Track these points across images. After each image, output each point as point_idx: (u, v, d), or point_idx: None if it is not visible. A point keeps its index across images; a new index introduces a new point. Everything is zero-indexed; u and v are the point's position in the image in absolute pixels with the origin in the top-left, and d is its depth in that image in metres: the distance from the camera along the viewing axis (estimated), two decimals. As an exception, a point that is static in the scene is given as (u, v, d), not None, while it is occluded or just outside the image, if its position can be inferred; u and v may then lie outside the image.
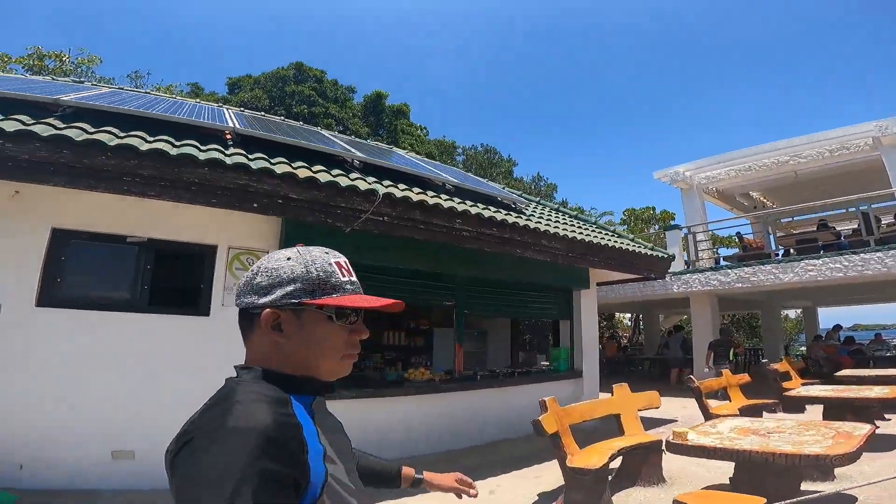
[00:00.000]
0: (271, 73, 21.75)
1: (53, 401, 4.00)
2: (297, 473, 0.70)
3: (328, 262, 0.89)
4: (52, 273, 4.12)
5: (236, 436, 0.67)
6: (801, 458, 3.11)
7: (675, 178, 12.68)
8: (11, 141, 3.37)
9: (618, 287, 11.17)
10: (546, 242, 5.85)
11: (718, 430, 4.00)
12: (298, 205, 4.35)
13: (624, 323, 20.81)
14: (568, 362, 7.41)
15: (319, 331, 0.86)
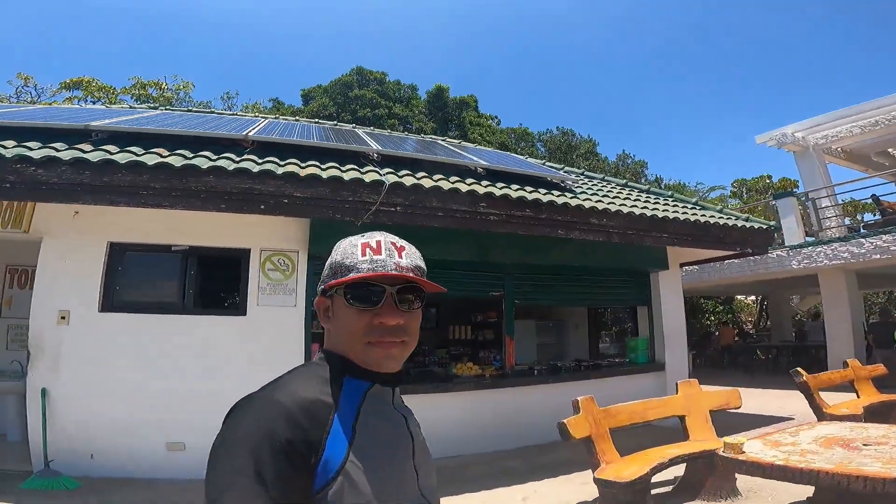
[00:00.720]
0: (336, 81, 21.81)
1: (116, 396, 4.35)
2: (304, 448, 0.68)
3: (354, 243, 0.84)
4: (111, 282, 4.51)
5: (259, 404, 0.72)
6: (887, 482, 2.14)
7: (782, 141, 10.42)
8: (41, 167, 3.69)
9: (722, 267, 9.45)
10: (596, 221, 5.05)
11: (797, 439, 3.00)
12: (304, 203, 4.23)
13: (751, 306, 17.75)
14: (647, 354, 6.39)
15: (342, 316, 0.82)
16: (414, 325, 0.83)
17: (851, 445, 2.72)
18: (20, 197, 3.82)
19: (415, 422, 0.89)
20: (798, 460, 2.54)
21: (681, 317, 6.63)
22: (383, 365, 0.80)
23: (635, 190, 7.09)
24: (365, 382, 0.81)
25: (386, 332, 0.79)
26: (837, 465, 2.38)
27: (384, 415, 0.81)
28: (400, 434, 0.82)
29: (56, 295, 4.36)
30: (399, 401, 0.88)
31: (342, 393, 0.77)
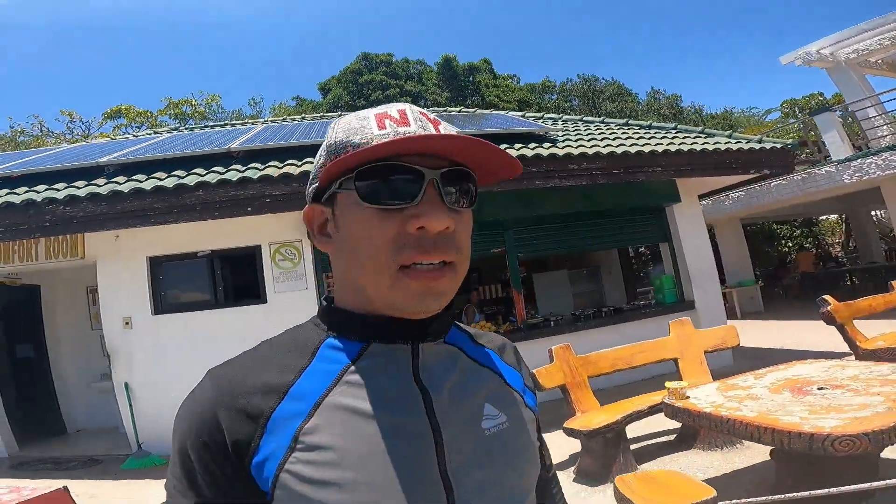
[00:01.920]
0: (345, 70, 21.40)
1: (179, 382, 4.92)
2: (232, 449, 0.47)
3: (362, 116, 0.53)
4: (156, 289, 5.09)
5: (194, 392, 0.52)
6: (791, 435, 1.83)
7: (807, 59, 8.80)
8: (67, 205, 4.20)
9: (770, 190, 8.26)
10: (575, 166, 4.66)
11: (759, 382, 2.63)
12: (283, 199, 4.38)
13: (837, 227, 15.10)
14: (675, 293, 5.84)
15: (352, 225, 0.51)
16: (466, 235, 0.53)
17: (804, 389, 2.33)
18: (57, 232, 4.40)
19: (472, 406, 0.54)
20: (729, 407, 2.24)
21: (707, 250, 5.95)
22: (423, 304, 0.50)
23: (636, 127, 6.37)
24: (354, 343, 0.53)
25: (429, 246, 0.49)
26: (759, 414, 2.07)
27: (383, 395, 0.51)
28: (407, 427, 0.50)
29: (117, 305, 5.01)
30: (437, 364, 0.54)
31: (309, 366, 0.51)
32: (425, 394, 0.52)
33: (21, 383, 5.89)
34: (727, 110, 19.02)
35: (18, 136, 18.91)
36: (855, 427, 1.73)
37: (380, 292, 0.50)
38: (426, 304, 0.50)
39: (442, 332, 0.57)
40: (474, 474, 0.51)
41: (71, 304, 6.53)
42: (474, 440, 0.52)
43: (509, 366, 0.63)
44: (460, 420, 0.52)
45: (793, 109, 16.70)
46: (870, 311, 4.39)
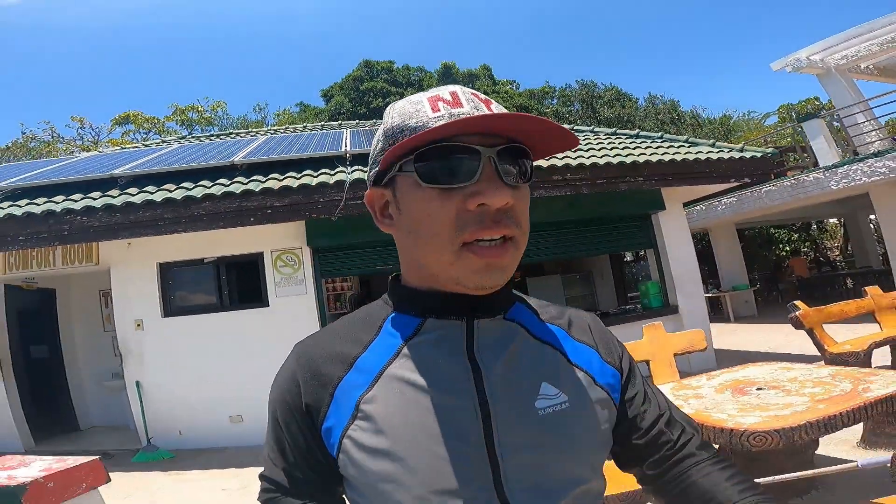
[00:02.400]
0: (348, 77, 21.72)
1: (187, 381, 5.30)
2: (309, 412, 0.54)
3: (415, 100, 0.55)
4: (166, 293, 5.43)
5: (284, 363, 0.59)
6: (714, 430, 2.10)
7: (797, 66, 9.01)
8: (84, 215, 4.55)
9: (760, 196, 8.46)
10: (559, 177, 4.94)
11: (709, 382, 2.90)
12: (284, 210, 4.70)
13: (836, 230, 15.20)
14: (661, 297, 6.10)
15: (413, 205, 0.53)
16: (525, 210, 0.55)
17: (744, 390, 2.59)
18: (75, 240, 4.74)
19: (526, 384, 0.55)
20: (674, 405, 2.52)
21: (691, 257, 6.21)
22: (486, 279, 0.52)
23: (623, 136, 6.64)
24: (413, 319, 0.57)
25: (490, 222, 0.50)
26: (696, 411, 2.33)
27: (435, 369, 0.54)
28: (455, 402, 0.52)
29: (130, 308, 5.36)
30: (492, 340, 0.56)
31: (375, 340, 0.57)
32: (476, 370, 0.53)
33: (37, 382, 6.24)
34: (725, 115, 19.26)
35: (30, 142, 19.48)
36: (770, 424, 1.99)
37: (444, 269, 0.52)
38: (490, 279, 0.51)
39: (500, 308, 0.58)
40: (523, 453, 0.51)
41: (84, 307, 6.89)
42: (526, 419, 0.52)
43: (581, 342, 0.62)
44: (512, 398, 0.53)
45: (789, 114, 16.88)
46: (842, 315, 4.60)
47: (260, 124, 21.51)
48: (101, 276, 5.82)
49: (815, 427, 1.96)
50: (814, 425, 1.96)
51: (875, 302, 4.70)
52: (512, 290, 0.61)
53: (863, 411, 2.06)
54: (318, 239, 5.23)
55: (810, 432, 1.97)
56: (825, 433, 2.00)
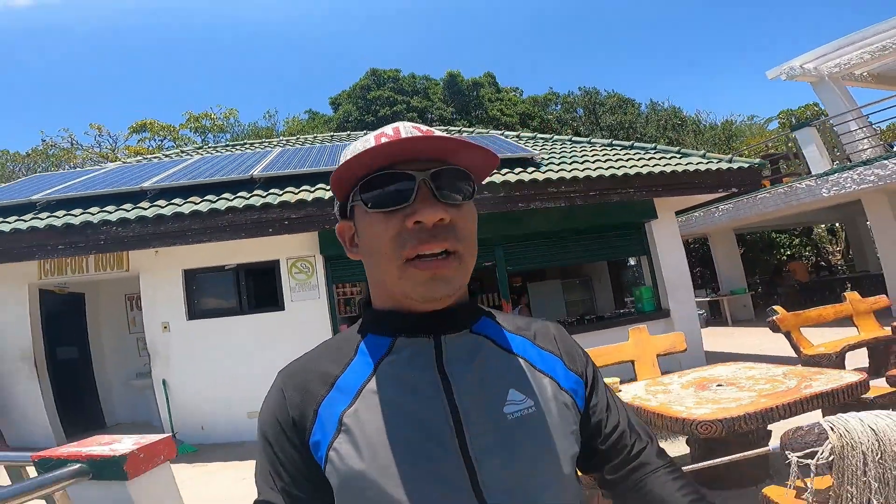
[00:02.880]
0: (355, 85, 22.01)
1: (210, 380, 5.75)
2: (298, 429, 0.58)
3: (365, 139, 0.62)
4: (190, 297, 5.89)
5: (272, 384, 0.63)
6: (666, 418, 2.49)
7: (791, 74, 9.23)
8: (119, 226, 5.02)
9: (755, 203, 8.77)
10: (554, 189, 5.34)
11: (680, 380, 3.28)
12: (300, 221, 5.14)
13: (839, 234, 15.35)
14: (653, 302, 6.46)
15: (366, 230, 0.60)
16: (467, 226, 0.59)
17: (706, 386, 2.97)
18: (111, 249, 5.20)
19: (494, 392, 0.59)
20: (643, 399, 2.90)
21: (683, 263, 6.56)
22: (431, 291, 0.56)
23: (618, 147, 7.01)
24: (385, 339, 0.62)
25: (427, 237, 0.55)
26: (661, 404, 2.72)
27: (408, 384, 0.58)
28: (428, 412, 0.57)
29: (157, 311, 5.82)
30: (459, 354, 0.60)
31: (353, 360, 0.61)
32: (446, 382, 0.57)
33: (67, 382, 6.70)
34: (727, 120, 19.46)
35: (49, 150, 20.21)
36: (716, 415, 2.37)
37: (394, 285, 0.57)
38: (435, 290, 0.55)
39: (466, 322, 0.62)
40: (496, 457, 0.55)
41: (111, 310, 7.38)
42: (496, 425, 0.56)
43: (546, 351, 0.66)
44: (481, 405, 0.57)
45: (789, 119, 17.08)
46: (819, 320, 4.94)
47: (270, 131, 22.11)
48: (127, 282, 6.30)
49: (754, 418, 2.35)
50: (752, 416, 2.34)
51: (853, 307, 5.02)
52: (478, 306, 0.66)
53: (798, 405, 2.44)
54: (329, 248, 5.68)
55: (749, 422, 2.35)
56: (763, 424, 2.38)
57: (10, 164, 19.52)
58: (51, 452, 1.80)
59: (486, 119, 19.41)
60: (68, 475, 1.69)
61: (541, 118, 20.20)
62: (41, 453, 1.80)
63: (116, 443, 1.88)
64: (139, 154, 17.28)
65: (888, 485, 1.43)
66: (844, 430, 1.48)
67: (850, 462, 1.45)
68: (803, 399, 2.45)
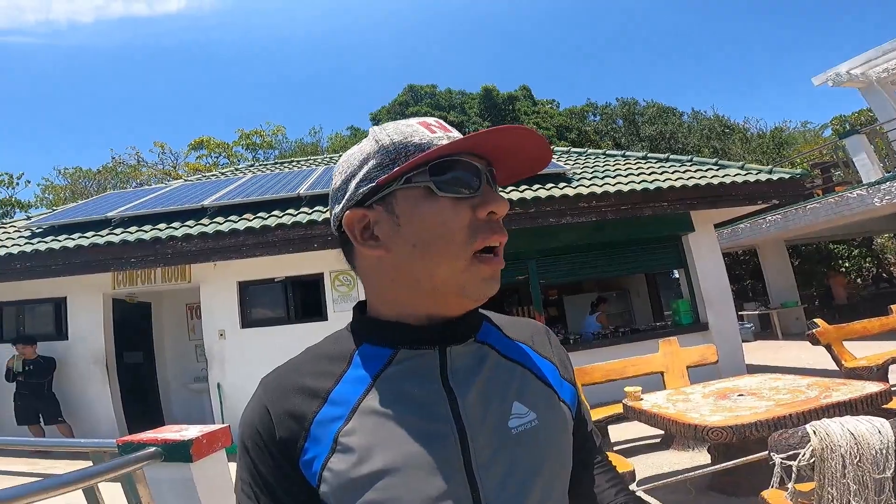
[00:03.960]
0: (394, 101, 22.51)
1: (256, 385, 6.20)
2: (285, 447, 0.55)
3: (407, 123, 0.60)
4: (244, 307, 6.42)
5: (253, 395, 0.61)
6: (685, 426, 2.63)
7: (838, 80, 8.83)
8: (184, 241, 5.60)
9: (805, 214, 8.47)
10: (585, 204, 5.50)
11: (703, 389, 3.38)
12: (342, 237, 5.53)
13: None
14: (692, 315, 6.43)
15: (424, 216, 0.55)
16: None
17: (727, 396, 3.07)
18: (176, 262, 5.80)
19: (499, 405, 0.58)
20: (663, 407, 3.03)
21: (722, 276, 6.50)
22: (490, 288, 0.56)
23: (653, 160, 7.03)
24: (384, 350, 0.58)
25: (497, 228, 0.56)
26: (678, 412, 2.85)
27: (410, 398, 0.55)
28: (432, 428, 0.54)
29: (215, 320, 6.38)
30: (464, 366, 0.58)
31: (346, 373, 0.58)
32: (452, 396, 0.56)
33: (132, 384, 7.32)
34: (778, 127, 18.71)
35: (118, 167, 22.09)
36: (727, 422, 2.50)
37: (453, 279, 0.55)
38: (490, 289, 0.56)
39: (469, 333, 0.60)
40: (499, 472, 0.54)
41: (174, 319, 8.08)
42: (500, 439, 0.55)
43: (543, 357, 0.66)
44: (486, 421, 0.56)
45: (842, 126, 16.25)
46: (863, 332, 4.84)
47: (315, 147, 23.23)
48: (188, 292, 6.92)
49: (765, 425, 2.47)
50: (763, 424, 2.47)
51: (897, 319, 4.89)
52: (479, 310, 0.64)
53: (813, 414, 2.53)
54: (370, 261, 6.04)
55: (760, 430, 2.47)
56: (774, 430, 2.48)
57: (82, 180, 21.47)
58: (132, 437, 2.19)
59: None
60: (146, 456, 2.05)
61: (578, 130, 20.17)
62: (124, 438, 2.19)
63: (184, 430, 2.25)
64: (198, 171, 18.61)
65: (867, 487, 1.55)
66: (825, 434, 1.62)
67: (829, 465, 1.58)
68: (819, 408, 2.53)
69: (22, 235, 6.49)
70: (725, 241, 10.20)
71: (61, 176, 21.50)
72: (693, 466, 3.52)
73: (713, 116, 20.91)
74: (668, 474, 3.24)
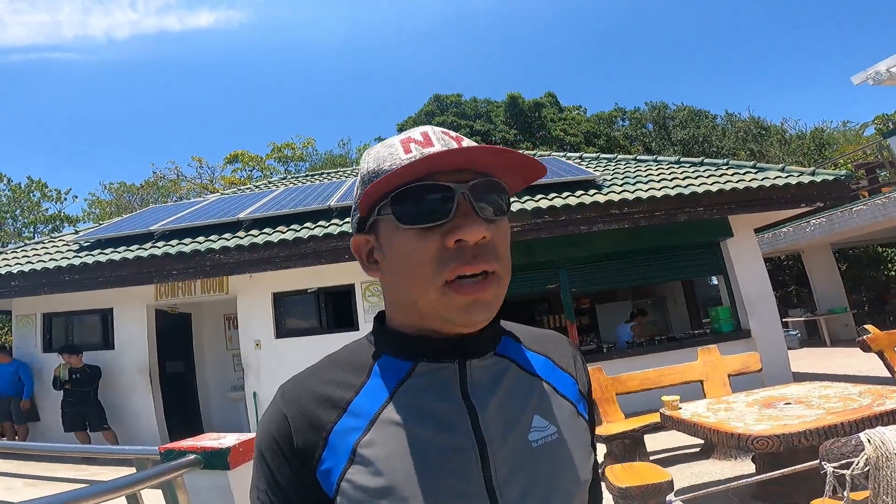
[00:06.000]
0: (420, 111, 22.48)
1: (292, 392, 6.32)
2: (303, 456, 0.55)
3: (389, 144, 0.58)
4: (278, 318, 6.57)
5: (271, 402, 0.60)
6: (719, 433, 2.53)
7: (877, 78, 8.35)
8: (222, 253, 5.79)
9: (851, 216, 8.06)
10: (617, 211, 5.40)
11: (747, 398, 3.25)
12: (372, 247, 5.62)
13: None
14: (732, 322, 6.20)
15: (396, 246, 0.55)
16: (504, 244, 0.56)
17: (772, 404, 2.94)
18: (214, 274, 6.01)
19: (519, 419, 0.57)
20: (703, 416, 2.93)
21: (764, 282, 6.24)
22: (471, 316, 0.53)
23: (686, 164, 6.84)
24: (404, 362, 0.58)
25: (469, 257, 0.52)
26: (718, 421, 2.75)
27: (430, 411, 0.55)
28: (452, 442, 0.54)
29: (251, 330, 6.55)
30: (484, 379, 0.58)
31: (366, 384, 0.57)
32: (472, 410, 0.55)
33: (173, 392, 7.55)
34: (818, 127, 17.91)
35: (159, 181, 23.13)
36: (773, 430, 2.40)
37: (430, 307, 0.54)
38: (476, 315, 0.53)
39: (488, 347, 0.60)
40: (519, 486, 0.54)
41: (213, 329, 8.33)
42: (520, 453, 0.55)
43: (564, 371, 0.65)
44: (506, 434, 0.55)
45: (885, 125, 15.44)
46: (907, 341, 4.56)
47: (345, 158, 23.72)
48: (226, 304, 7.14)
49: (815, 434, 2.36)
50: (813, 433, 2.36)
51: (960, 327, 4.58)
52: (500, 323, 0.64)
53: (866, 423, 2.40)
54: (400, 271, 6.11)
55: (810, 438, 2.36)
56: (824, 439, 2.36)
57: (126, 195, 22.56)
58: (173, 445, 2.26)
59: (549, 140, 19.42)
60: (187, 463, 2.12)
61: (607, 136, 19.86)
62: (166, 446, 2.27)
63: (222, 438, 2.31)
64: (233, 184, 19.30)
65: (927, 496, 1.45)
66: (880, 442, 1.54)
67: (885, 473, 1.50)
68: (872, 416, 2.41)
69: (70, 249, 6.85)
70: (766, 247, 9.84)
71: (106, 191, 22.68)
72: (735, 476, 3.39)
73: (748, 118, 20.20)
74: (709, 484, 3.12)
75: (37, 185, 20.87)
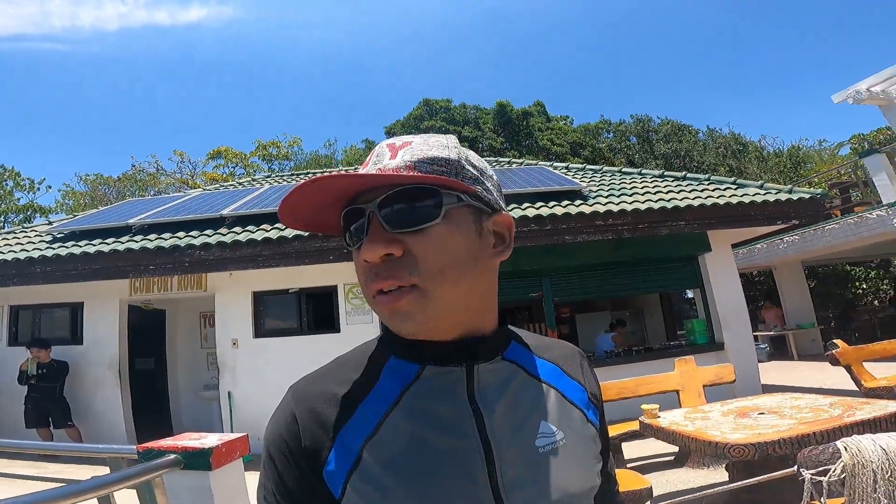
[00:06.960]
0: (409, 115, 22.54)
1: (270, 393, 6.20)
2: (309, 456, 0.55)
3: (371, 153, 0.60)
4: (257, 317, 6.48)
5: (281, 403, 0.61)
6: (704, 443, 2.60)
7: (858, 97, 8.80)
8: (202, 250, 5.69)
9: (823, 234, 8.40)
10: (601, 222, 5.51)
11: (721, 408, 3.34)
12: (357, 248, 5.61)
13: None
14: (706, 335, 6.37)
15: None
16: (430, 254, 0.53)
17: (747, 414, 3.04)
18: (193, 271, 5.90)
19: (526, 424, 0.58)
20: (681, 424, 3.01)
21: (739, 297, 6.44)
22: (395, 326, 0.55)
23: (670, 178, 7.05)
24: (412, 365, 0.58)
25: (375, 275, 0.53)
26: (696, 429, 2.83)
27: (436, 414, 0.56)
28: (458, 445, 0.55)
29: (228, 329, 6.44)
30: (492, 384, 0.58)
31: (375, 385, 0.58)
32: (478, 414, 0.56)
33: (143, 389, 7.34)
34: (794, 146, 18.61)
35: (138, 174, 22.57)
36: (749, 439, 2.48)
37: (377, 312, 0.56)
38: (398, 325, 0.54)
39: (496, 350, 0.60)
40: (525, 491, 0.54)
41: (187, 326, 8.15)
42: (526, 458, 0.56)
43: (573, 379, 0.66)
44: (512, 439, 0.56)
45: (861, 144, 16.16)
46: (885, 353, 4.80)
47: (330, 159, 23.52)
48: (204, 301, 7.01)
49: (788, 443, 2.45)
50: (787, 441, 2.45)
51: (922, 342, 4.83)
52: (508, 328, 0.65)
53: (837, 432, 2.50)
54: (384, 273, 6.10)
55: (784, 447, 2.45)
56: (797, 448, 2.45)
57: (102, 187, 21.94)
58: (152, 444, 2.20)
59: (536, 149, 19.61)
60: (167, 464, 2.05)
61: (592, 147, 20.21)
62: (145, 445, 2.21)
63: (204, 438, 2.26)
64: (215, 180, 18.95)
65: (897, 503, 1.53)
66: (856, 450, 1.61)
67: (860, 480, 1.57)
68: (843, 426, 2.51)
69: (43, 240, 6.64)
70: (741, 262, 10.13)
71: (82, 182, 22.02)
72: (709, 484, 3.48)
73: (729, 134, 20.79)
74: (685, 492, 3.20)
75: (10, 174, 20.15)
